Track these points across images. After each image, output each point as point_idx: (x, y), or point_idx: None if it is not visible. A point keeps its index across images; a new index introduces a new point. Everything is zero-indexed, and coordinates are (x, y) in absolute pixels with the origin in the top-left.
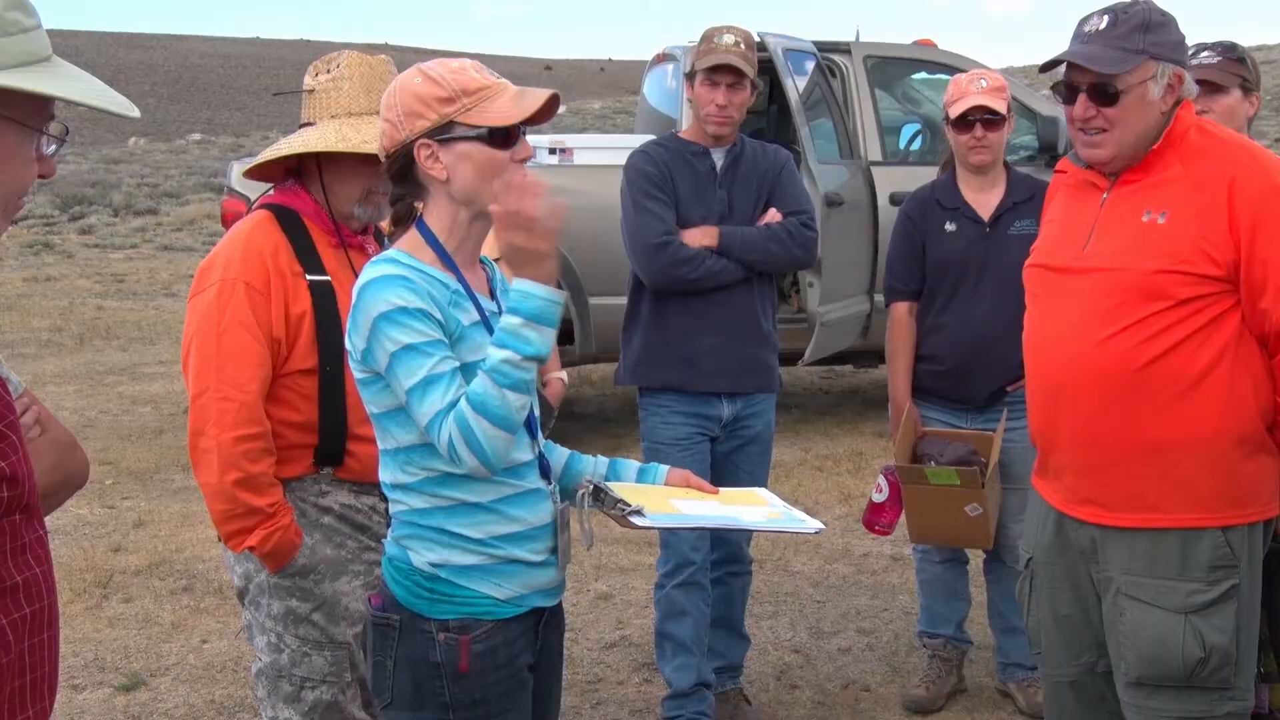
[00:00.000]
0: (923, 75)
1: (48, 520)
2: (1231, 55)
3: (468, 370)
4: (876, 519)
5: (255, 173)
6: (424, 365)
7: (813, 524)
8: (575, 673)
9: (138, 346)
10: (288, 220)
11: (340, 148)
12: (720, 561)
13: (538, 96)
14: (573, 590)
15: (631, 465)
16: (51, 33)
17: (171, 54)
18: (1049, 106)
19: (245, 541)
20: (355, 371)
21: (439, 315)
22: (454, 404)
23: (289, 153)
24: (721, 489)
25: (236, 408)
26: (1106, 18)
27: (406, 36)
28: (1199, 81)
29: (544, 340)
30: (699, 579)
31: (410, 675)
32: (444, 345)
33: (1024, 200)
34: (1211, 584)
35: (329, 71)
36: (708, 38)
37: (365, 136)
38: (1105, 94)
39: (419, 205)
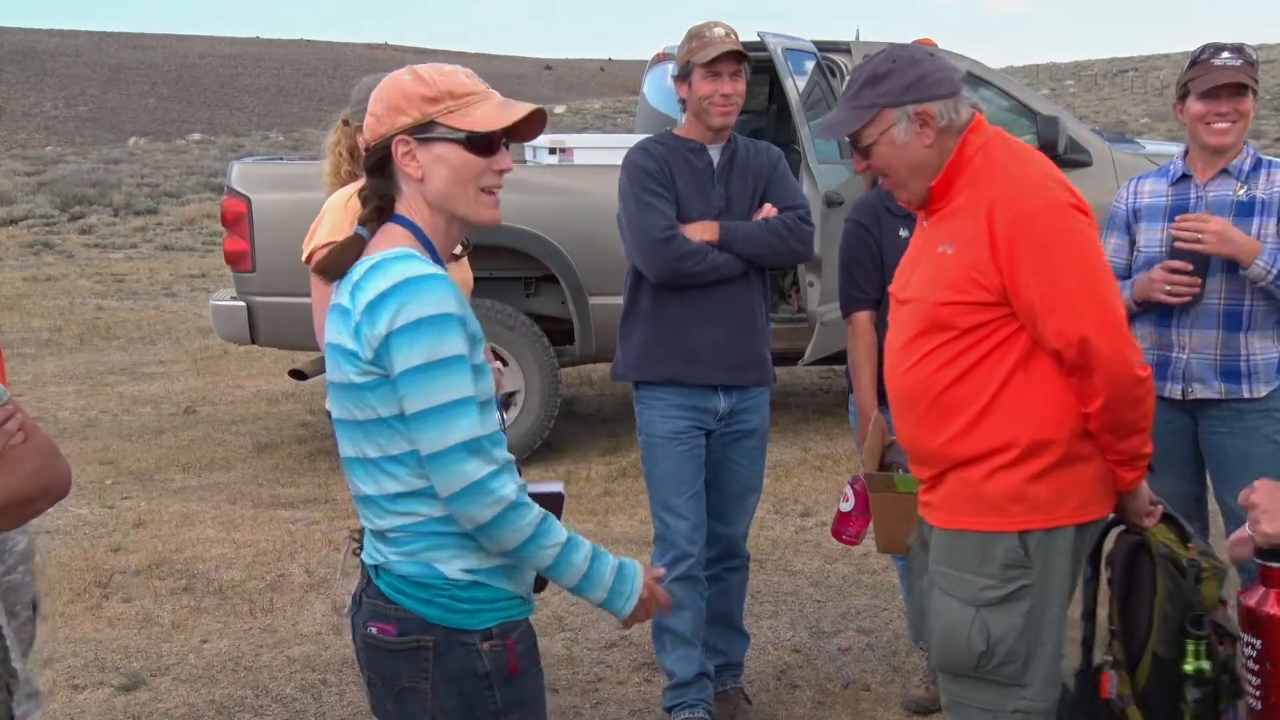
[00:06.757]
0: None
1: (47, 521)
2: (1249, 58)
3: (477, 372)
4: (844, 528)
5: None
6: (463, 384)
7: None
8: (575, 672)
9: (138, 346)
10: None
11: None
12: (717, 558)
13: (521, 109)
14: None
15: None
16: (52, 33)
17: (171, 54)
18: (1048, 106)
19: None
20: (353, 375)
21: (469, 327)
22: (495, 438)
23: None
24: None
25: None
26: (850, 80)
27: (406, 36)
28: (1225, 85)
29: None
30: (695, 573)
31: (456, 692)
32: (469, 363)
33: None
34: (1004, 582)
35: None
36: (697, 34)
37: None
38: (861, 149)
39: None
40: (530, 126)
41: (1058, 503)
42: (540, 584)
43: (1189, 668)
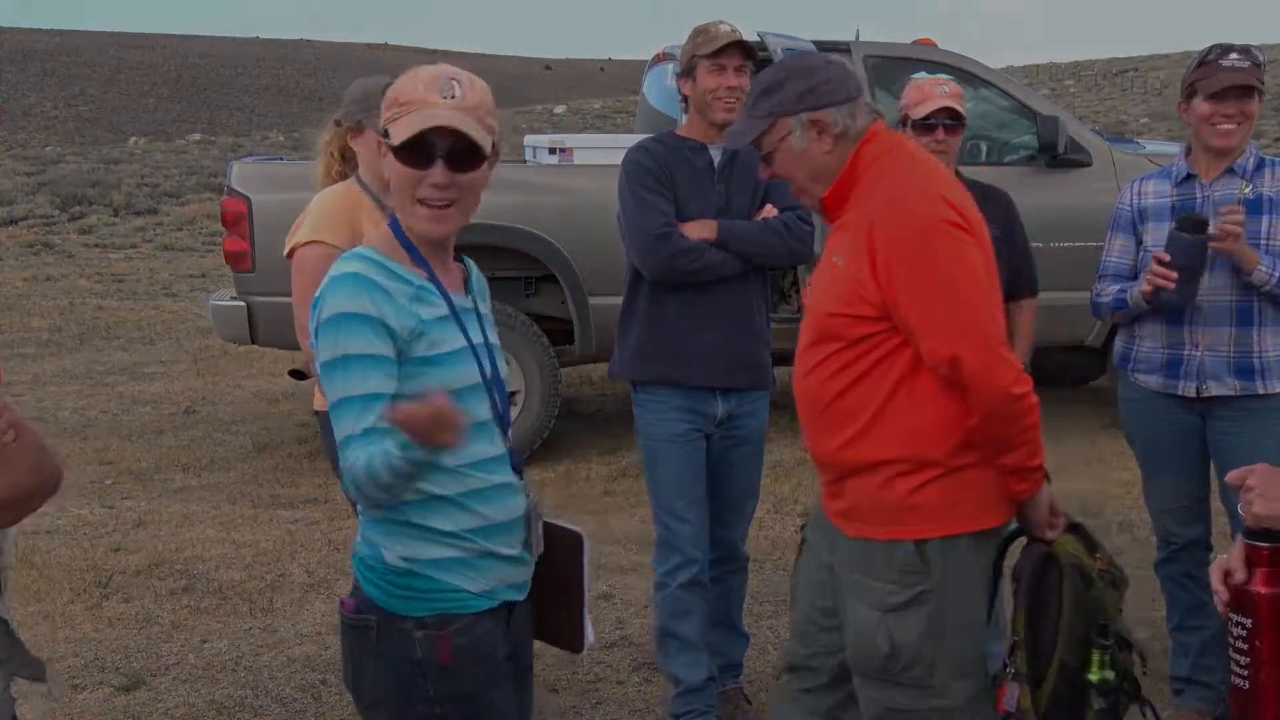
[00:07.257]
0: (923, 75)
1: (47, 521)
2: (1256, 60)
3: (428, 364)
4: None
5: None
6: (354, 383)
7: None
8: (575, 673)
9: (138, 346)
10: None
11: None
12: (716, 560)
13: (417, 125)
14: None
15: None
16: (52, 32)
17: (171, 54)
18: (1049, 106)
19: None
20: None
21: (393, 323)
22: (369, 433)
23: None
24: None
25: None
26: (750, 89)
27: (406, 36)
28: (1232, 87)
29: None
30: (701, 578)
31: (392, 674)
32: (386, 363)
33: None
34: (904, 587)
35: None
36: (703, 31)
37: None
38: (763, 157)
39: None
40: (446, 139)
41: (951, 511)
42: (578, 643)
43: (1094, 677)
